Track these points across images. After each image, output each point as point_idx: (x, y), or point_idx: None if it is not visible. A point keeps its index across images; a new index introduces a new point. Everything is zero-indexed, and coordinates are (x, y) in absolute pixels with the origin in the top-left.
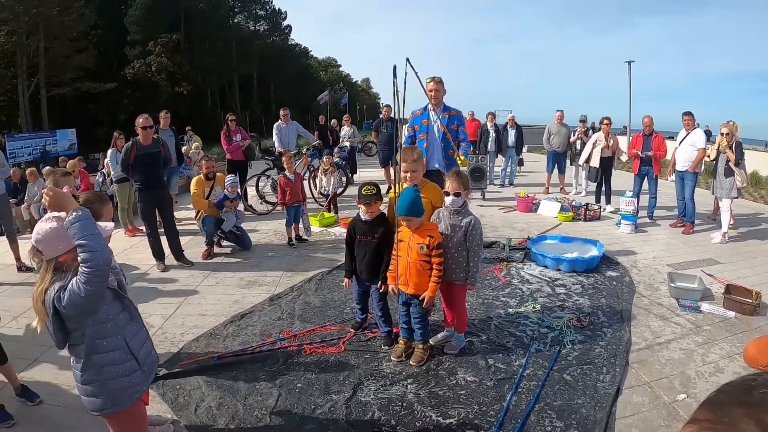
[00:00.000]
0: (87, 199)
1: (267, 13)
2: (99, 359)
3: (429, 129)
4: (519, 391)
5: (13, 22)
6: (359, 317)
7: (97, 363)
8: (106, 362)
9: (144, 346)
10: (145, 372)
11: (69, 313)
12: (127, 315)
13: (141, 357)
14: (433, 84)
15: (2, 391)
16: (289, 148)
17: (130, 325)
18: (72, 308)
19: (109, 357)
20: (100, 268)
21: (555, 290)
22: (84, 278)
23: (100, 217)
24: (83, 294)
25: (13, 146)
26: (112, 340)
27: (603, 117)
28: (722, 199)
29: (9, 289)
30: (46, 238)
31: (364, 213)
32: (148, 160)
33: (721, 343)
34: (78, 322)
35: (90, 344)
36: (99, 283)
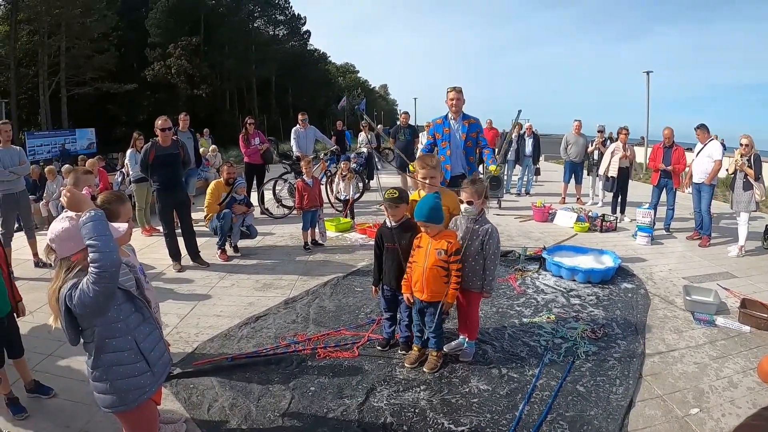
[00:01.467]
0: (105, 199)
1: (286, 18)
2: (108, 358)
3: (451, 137)
4: (531, 400)
5: (35, 21)
6: (387, 331)
7: (106, 362)
8: (114, 362)
9: (156, 348)
10: (156, 374)
11: (78, 312)
12: (140, 316)
13: (152, 359)
14: (454, 93)
15: (16, 384)
16: (307, 153)
17: (143, 326)
18: (81, 307)
19: (118, 357)
20: (108, 269)
21: (570, 301)
22: (92, 278)
23: (118, 216)
24: (91, 294)
25: (32, 144)
26: (122, 341)
27: (621, 126)
28: (740, 213)
29: (26, 284)
30: (59, 237)
31: (389, 218)
32: (167, 161)
33: (736, 358)
34: (88, 321)
35: (99, 343)
36: (107, 284)
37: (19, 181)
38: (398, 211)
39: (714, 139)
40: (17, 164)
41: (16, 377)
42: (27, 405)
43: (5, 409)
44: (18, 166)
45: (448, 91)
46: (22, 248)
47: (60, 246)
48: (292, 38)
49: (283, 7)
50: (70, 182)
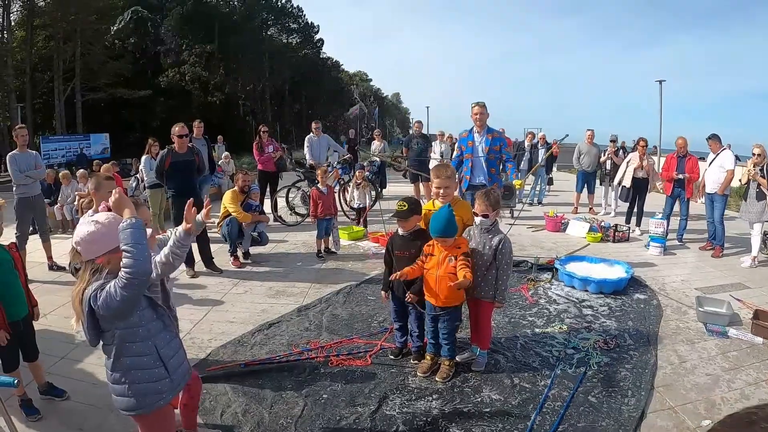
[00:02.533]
0: None
1: (300, 27)
2: (127, 362)
3: (474, 150)
4: (543, 411)
5: (51, 27)
6: (399, 341)
7: (125, 365)
8: (134, 366)
9: (176, 356)
10: (174, 381)
11: (102, 314)
12: (161, 323)
13: (171, 366)
14: (478, 108)
15: (29, 386)
16: (320, 161)
17: (163, 333)
18: (106, 310)
19: (138, 361)
20: (140, 276)
21: (582, 311)
22: (122, 283)
23: None
24: (119, 298)
25: (47, 148)
26: (142, 345)
27: (639, 138)
28: (753, 224)
29: (40, 287)
30: (84, 240)
31: (400, 228)
32: (183, 168)
33: (748, 370)
34: (110, 324)
35: (120, 346)
36: (136, 290)
37: (35, 184)
38: (409, 223)
39: (726, 149)
40: (33, 168)
41: (30, 379)
42: (40, 407)
43: (19, 411)
44: (34, 170)
45: (472, 106)
46: (37, 251)
47: (86, 248)
48: (305, 46)
49: (297, 15)
50: (91, 187)
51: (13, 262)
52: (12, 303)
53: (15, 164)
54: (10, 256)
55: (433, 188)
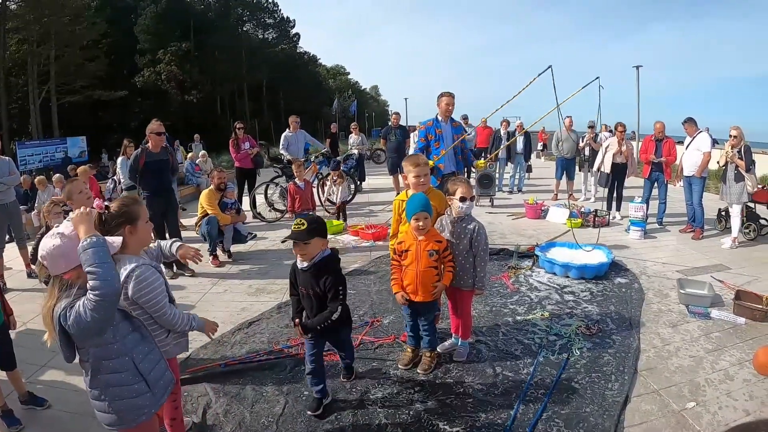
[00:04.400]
0: (124, 202)
1: (276, 22)
2: (104, 379)
3: (443, 138)
4: (527, 399)
5: (24, 30)
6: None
7: (103, 382)
8: (111, 382)
9: (156, 367)
10: (156, 395)
11: (74, 333)
12: (138, 335)
13: (151, 379)
14: (450, 99)
15: (10, 396)
16: (298, 157)
17: (141, 346)
18: (77, 329)
19: (115, 378)
20: (108, 297)
21: (563, 297)
22: (91, 305)
23: (138, 218)
24: (89, 319)
25: (23, 153)
26: (119, 362)
27: (617, 123)
28: (732, 205)
29: (19, 295)
30: (50, 254)
31: (299, 258)
32: (157, 168)
33: (731, 350)
34: (83, 342)
35: (95, 364)
36: (106, 312)
37: (10, 191)
38: (309, 248)
39: (703, 131)
40: (7, 175)
41: (10, 389)
42: (22, 417)
43: (0, 422)
44: (8, 177)
45: (445, 96)
46: (15, 259)
47: (52, 264)
48: (281, 41)
49: (272, 10)
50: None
51: None
52: None
53: None
54: None
55: (410, 178)
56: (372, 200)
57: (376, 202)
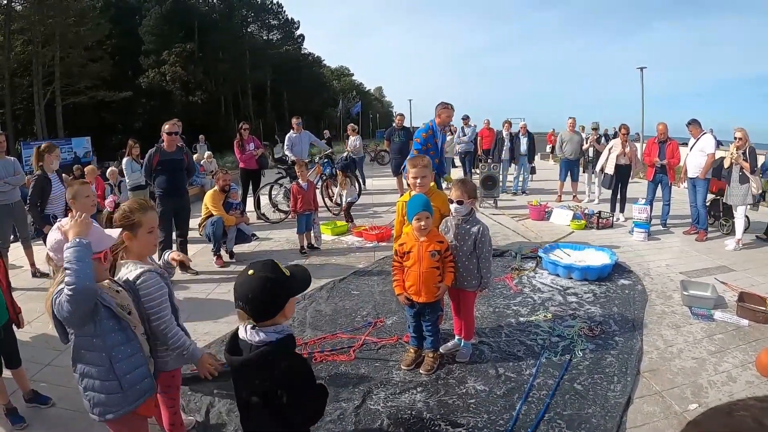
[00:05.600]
0: (131, 207)
1: (280, 23)
2: (80, 368)
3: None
4: (529, 400)
5: (29, 31)
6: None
7: (79, 371)
8: (86, 374)
9: (135, 372)
10: (128, 397)
11: (61, 318)
12: (122, 336)
13: (126, 381)
14: (451, 111)
15: (14, 394)
16: (302, 157)
17: (123, 347)
18: (60, 316)
19: (89, 370)
20: (80, 293)
21: (566, 299)
22: (66, 298)
23: (140, 226)
24: (65, 308)
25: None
26: (95, 356)
27: (621, 125)
28: (736, 207)
29: (24, 294)
30: (53, 248)
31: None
32: (171, 167)
33: (734, 352)
34: (69, 327)
35: (76, 352)
36: (79, 306)
37: (15, 191)
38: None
39: (707, 133)
40: (12, 175)
41: (15, 387)
42: (26, 415)
43: (4, 420)
44: (13, 177)
45: (446, 108)
46: (20, 258)
47: (57, 256)
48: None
49: (277, 11)
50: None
51: None
52: None
53: None
54: None
55: (409, 178)
56: (376, 201)
57: (380, 203)
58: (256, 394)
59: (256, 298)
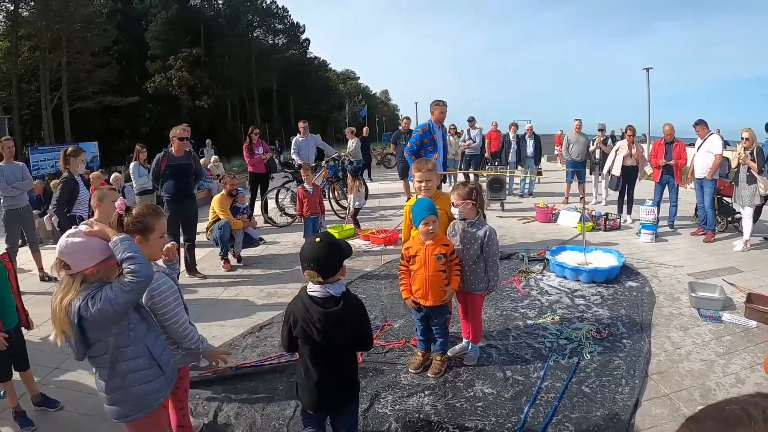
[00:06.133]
0: (141, 212)
1: (285, 27)
2: (123, 367)
3: (437, 143)
4: (537, 403)
5: (35, 37)
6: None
7: (122, 371)
8: (130, 369)
9: (164, 353)
10: (168, 378)
11: (96, 320)
12: (146, 325)
13: (162, 363)
14: (444, 108)
15: (23, 397)
16: (309, 161)
17: (150, 333)
18: (103, 315)
19: (133, 364)
20: (146, 279)
21: (574, 301)
22: (128, 287)
23: (152, 231)
24: (122, 300)
25: (36, 159)
26: (135, 348)
27: (627, 126)
28: (744, 207)
29: (32, 299)
30: (73, 251)
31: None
32: (179, 172)
33: (743, 354)
34: (102, 331)
35: (114, 353)
36: (138, 294)
37: (23, 196)
38: None
39: (714, 133)
40: (20, 180)
41: (23, 390)
42: (34, 418)
43: (13, 423)
44: (21, 182)
45: (438, 105)
46: (28, 263)
47: (75, 260)
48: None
49: (282, 16)
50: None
51: (7, 272)
52: (3, 312)
53: (2, 176)
54: (2, 266)
55: (415, 182)
56: (383, 205)
57: (386, 206)
58: (345, 334)
59: (325, 259)
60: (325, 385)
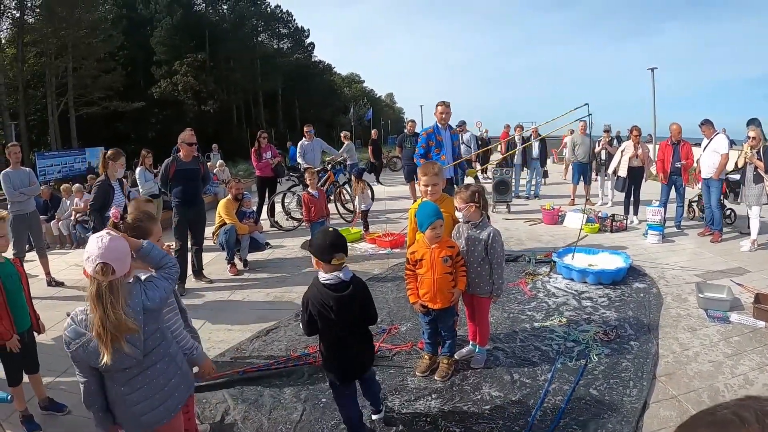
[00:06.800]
0: (137, 217)
1: (290, 31)
2: (176, 348)
3: (444, 144)
4: (544, 406)
5: (41, 43)
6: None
7: (175, 350)
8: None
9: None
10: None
11: (158, 307)
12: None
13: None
14: (444, 107)
15: (31, 401)
16: (314, 165)
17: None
18: (161, 301)
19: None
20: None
21: (581, 303)
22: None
23: (149, 234)
24: (167, 285)
25: (42, 164)
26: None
27: (632, 126)
28: (751, 207)
29: (39, 303)
30: (119, 254)
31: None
32: (187, 176)
33: (751, 354)
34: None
35: (166, 335)
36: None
37: (30, 201)
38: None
39: (720, 132)
40: (27, 185)
41: (31, 395)
42: (41, 422)
43: (20, 426)
44: (28, 187)
45: (439, 105)
46: (35, 268)
47: (122, 263)
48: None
49: (287, 20)
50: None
51: (19, 276)
52: (16, 315)
53: (9, 182)
54: (15, 269)
55: (420, 186)
56: (389, 208)
57: (392, 209)
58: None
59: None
60: (345, 357)
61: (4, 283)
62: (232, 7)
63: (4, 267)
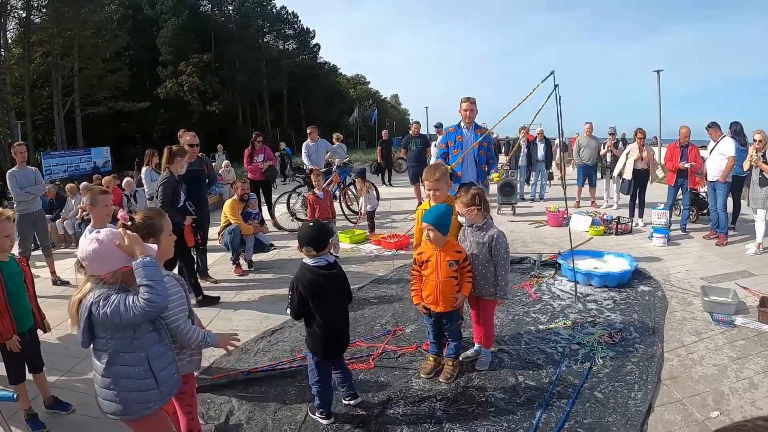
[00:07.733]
0: (148, 215)
1: (296, 33)
2: (118, 370)
3: (463, 145)
4: (549, 408)
5: (47, 43)
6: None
7: (116, 373)
8: (124, 375)
9: (167, 368)
10: (163, 393)
11: (102, 322)
12: (156, 335)
13: (161, 378)
14: (468, 104)
15: (35, 400)
16: (319, 166)
17: (157, 345)
18: (107, 320)
19: (128, 371)
20: (159, 310)
21: (586, 306)
22: (140, 311)
23: (161, 231)
24: (130, 317)
25: (48, 164)
26: (135, 357)
27: (637, 129)
28: (757, 210)
29: (44, 302)
30: (89, 258)
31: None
32: (191, 177)
33: (756, 358)
34: (107, 332)
35: (113, 354)
36: (147, 318)
37: (36, 200)
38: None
39: (726, 135)
40: (33, 184)
41: (35, 394)
42: (46, 421)
43: (25, 425)
44: (34, 186)
45: (462, 101)
46: (40, 267)
47: (92, 266)
48: (301, 52)
49: (292, 21)
50: (87, 202)
51: (23, 275)
52: (19, 314)
53: (15, 181)
54: (20, 268)
55: (425, 190)
56: (394, 209)
57: (398, 211)
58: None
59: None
60: (331, 332)
61: (6, 282)
62: (237, 8)
63: (9, 266)
